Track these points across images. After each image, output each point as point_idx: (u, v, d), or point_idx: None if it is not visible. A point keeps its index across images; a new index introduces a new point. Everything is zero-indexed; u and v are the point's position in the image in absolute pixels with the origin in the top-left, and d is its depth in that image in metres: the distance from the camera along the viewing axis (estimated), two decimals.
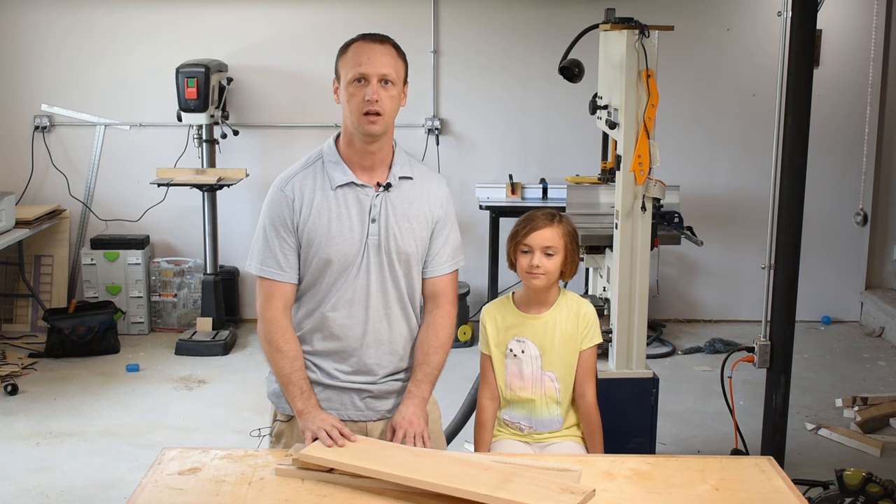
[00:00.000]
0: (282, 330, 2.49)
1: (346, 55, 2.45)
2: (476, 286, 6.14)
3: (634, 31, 3.33)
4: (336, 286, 2.48)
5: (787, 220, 3.60)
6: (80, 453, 4.33)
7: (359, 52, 2.42)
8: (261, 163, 6.09)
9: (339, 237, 2.46)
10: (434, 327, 2.57)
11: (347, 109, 2.44)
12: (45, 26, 6.08)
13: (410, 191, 2.54)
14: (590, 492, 2.12)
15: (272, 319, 2.48)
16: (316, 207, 2.46)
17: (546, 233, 2.76)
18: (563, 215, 2.84)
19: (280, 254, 2.47)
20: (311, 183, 2.48)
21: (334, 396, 2.53)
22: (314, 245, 2.46)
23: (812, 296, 6.07)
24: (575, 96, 5.08)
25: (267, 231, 2.50)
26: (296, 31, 6.16)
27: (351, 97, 2.41)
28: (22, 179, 6.15)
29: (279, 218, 2.48)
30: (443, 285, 2.59)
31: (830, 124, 6.09)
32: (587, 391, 2.85)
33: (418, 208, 2.54)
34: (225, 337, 5.70)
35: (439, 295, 2.59)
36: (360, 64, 2.40)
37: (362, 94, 2.39)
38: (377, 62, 2.41)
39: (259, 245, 2.51)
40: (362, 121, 2.41)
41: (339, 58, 2.48)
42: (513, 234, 2.83)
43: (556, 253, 2.77)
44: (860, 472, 3.29)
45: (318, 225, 2.46)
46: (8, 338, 5.91)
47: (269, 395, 2.63)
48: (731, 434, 3.87)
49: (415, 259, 2.53)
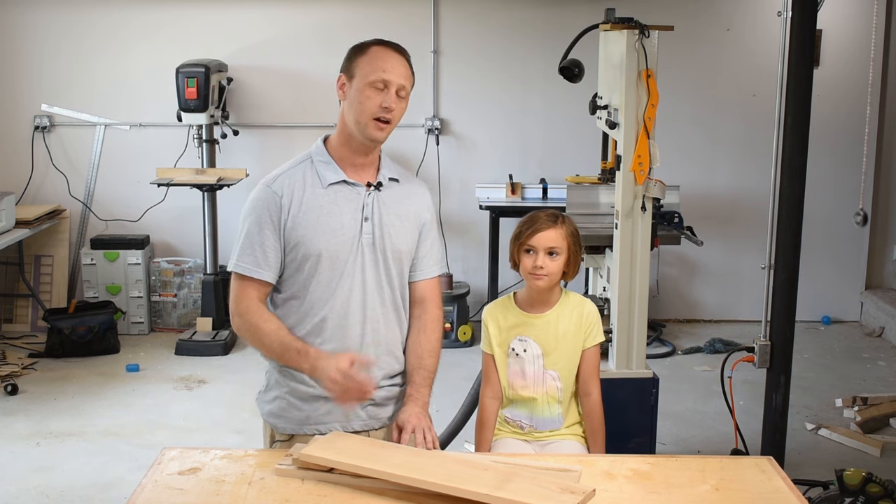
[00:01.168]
0: (259, 311, 2.43)
1: (365, 56, 2.42)
2: (476, 286, 6.15)
3: (634, 31, 3.33)
4: (331, 286, 2.45)
5: (787, 220, 3.60)
6: (80, 453, 4.33)
7: (383, 58, 2.41)
8: (261, 163, 6.09)
9: (330, 232, 2.43)
10: (426, 331, 2.57)
11: (357, 110, 2.41)
12: (45, 26, 6.08)
13: (399, 191, 2.55)
14: (590, 492, 2.12)
15: (247, 309, 2.43)
16: (305, 203, 2.43)
17: (550, 234, 2.77)
18: (566, 216, 2.85)
19: (259, 250, 2.42)
20: (300, 180, 2.45)
21: (336, 409, 2.47)
22: (304, 241, 2.42)
23: (812, 296, 6.08)
24: (575, 96, 5.08)
25: (249, 228, 2.44)
26: (296, 31, 6.16)
27: (367, 99, 2.39)
28: (22, 179, 6.15)
29: (262, 214, 2.43)
30: (430, 289, 2.61)
31: (830, 124, 6.10)
32: (592, 389, 2.86)
33: (408, 208, 2.55)
34: (225, 337, 5.70)
35: (427, 299, 2.60)
36: (384, 70, 2.39)
37: (379, 100, 2.39)
38: (398, 72, 2.41)
39: (240, 242, 2.46)
40: (371, 125, 2.41)
41: (355, 56, 2.44)
42: (516, 234, 2.83)
43: (559, 254, 2.77)
44: (860, 472, 3.29)
45: (307, 220, 2.42)
46: (8, 338, 5.91)
47: (265, 416, 2.56)
48: (731, 434, 3.87)
49: (406, 258, 2.54)
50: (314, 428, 2.47)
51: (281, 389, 2.50)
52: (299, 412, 2.49)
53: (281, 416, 2.51)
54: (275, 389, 2.52)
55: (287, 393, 2.49)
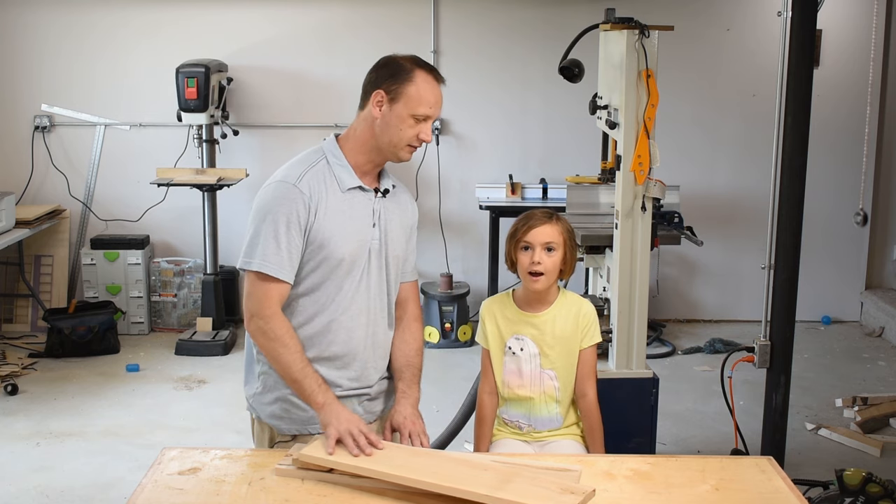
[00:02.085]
0: (285, 325, 2.42)
1: (412, 84, 2.42)
2: (476, 286, 6.14)
3: (634, 31, 3.33)
4: (341, 290, 2.47)
5: (787, 220, 3.60)
6: (80, 453, 4.33)
7: (429, 90, 2.44)
8: (261, 163, 6.09)
9: (350, 237, 2.46)
10: (411, 331, 2.66)
11: (395, 135, 2.44)
12: (45, 26, 6.08)
13: (396, 198, 2.60)
14: (590, 492, 2.12)
15: (273, 316, 2.40)
16: (331, 207, 2.44)
17: (546, 229, 2.79)
18: (561, 215, 2.87)
19: (286, 252, 2.40)
20: (322, 182, 2.45)
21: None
22: (329, 245, 2.42)
23: (812, 296, 6.07)
24: (575, 96, 5.08)
25: (275, 226, 2.38)
26: (296, 31, 6.16)
27: (408, 128, 2.43)
28: (22, 179, 6.15)
29: (293, 214, 2.39)
30: (412, 291, 2.70)
31: (830, 124, 6.09)
32: (588, 390, 2.86)
33: (403, 215, 2.61)
34: (225, 337, 5.70)
35: (409, 300, 2.68)
36: (430, 105, 2.44)
37: (417, 131, 2.44)
38: (440, 105, 2.48)
39: (262, 241, 2.40)
40: (405, 150, 2.46)
41: (400, 81, 2.42)
42: (512, 232, 2.84)
43: (556, 249, 2.78)
44: (860, 472, 3.29)
45: (333, 224, 2.43)
46: (8, 338, 5.91)
47: (265, 417, 2.54)
48: (731, 434, 3.87)
49: (401, 264, 2.62)
50: (317, 427, 2.46)
51: (282, 391, 2.50)
52: (303, 412, 2.49)
53: (283, 417, 2.51)
54: (274, 391, 2.52)
55: (290, 394, 2.48)
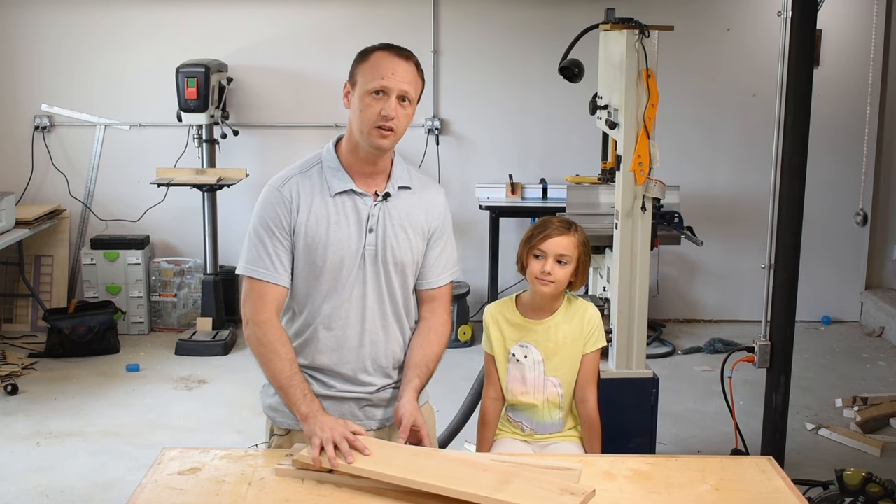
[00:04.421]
0: (278, 332, 2.40)
1: (367, 63, 2.37)
2: (476, 286, 6.14)
3: (634, 31, 3.33)
4: (331, 298, 2.42)
5: (787, 220, 3.60)
6: (80, 453, 4.33)
7: (382, 64, 2.35)
8: (261, 163, 6.09)
9: (337, 244, 2.40)
10: (435, 333, 2.53)
11: (359, 118, 2.37)
12: (45, 26, 6.08)
13: (408, 200, 2.49)
14: (590, 492, 2.12)
15: (267, 322, 2.38)
16: (314, 212, 2.39)
17: (562, 241, 2.75)
18: (579, 225, 2.83)
19: (273, 254, 2.39)
20: (308, 186, 2.41)
21: (332, 406, 2.45)
22: (310, 251, 2.39)
23: (812, 296, 6.08)
24: (575, 96, 5.08)
25: (259, 231, 2.39)
26: (296, 31, 6.16)
27: (367, 108, 2.34)
28: (22, 179, 6.15)
29: (274, 218, 2.38)
30: (440, 296, 2.56)
31: (830, 124, 6.09)
32: (589, 396, 2.84)
33: (415, 218, 2.49)
34: (225, 337, 5.70)
35: (436, 300, 2.55)
36: (382, 77, 2.32)
37: (379, 108, 2.32)
38: (400, 77, 2.34)
39: (249, 245, 2.40)
40: (374, 133, 2.34)
41: (358, 63, 2.40)
42: (527, 237, 2.81)
43: (568, 262, 2.76)
44: (860, 472, 3.29)
45: (316, 230, 2.39)
46: (8, 338, 5.91)
47: (265, 409, 2.55)
48: (731, 434, 3.87)
49: (410, 269, 2.49)
50: None
51: None
52: None
53: (279, 409, 2.50)
54: None
55: None
